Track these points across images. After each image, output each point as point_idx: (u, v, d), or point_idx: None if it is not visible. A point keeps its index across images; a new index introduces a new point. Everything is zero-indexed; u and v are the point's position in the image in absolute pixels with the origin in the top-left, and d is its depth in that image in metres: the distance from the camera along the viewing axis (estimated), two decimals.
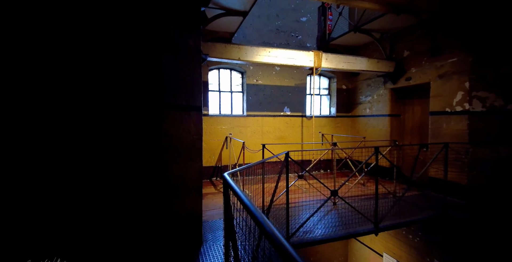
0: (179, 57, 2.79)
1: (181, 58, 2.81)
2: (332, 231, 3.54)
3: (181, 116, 2.84)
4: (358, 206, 3.85)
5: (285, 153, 3.04)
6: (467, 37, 4.52)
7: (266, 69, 6.94)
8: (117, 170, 2.53)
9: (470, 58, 4.48)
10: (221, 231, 3.47)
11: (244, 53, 4.85)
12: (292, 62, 5.20)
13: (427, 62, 5.34)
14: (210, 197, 5.06)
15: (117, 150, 2.53)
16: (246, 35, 6.82)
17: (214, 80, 6.80)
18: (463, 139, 4.60)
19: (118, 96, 2.53)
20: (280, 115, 7.10)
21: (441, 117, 5.04)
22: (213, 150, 6.50)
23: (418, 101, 6.08)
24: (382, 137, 6.58)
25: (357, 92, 7.52)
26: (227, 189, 1.59)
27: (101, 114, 2.46)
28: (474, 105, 4.48)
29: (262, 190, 4.18)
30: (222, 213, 4.20)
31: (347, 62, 5.62)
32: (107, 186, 2.49)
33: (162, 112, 2.71)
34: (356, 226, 3.67)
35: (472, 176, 4.47)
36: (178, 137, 2.81)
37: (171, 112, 2.77)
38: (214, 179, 6.57)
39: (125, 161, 2.56)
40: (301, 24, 7.33)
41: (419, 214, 4.05)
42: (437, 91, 5.12)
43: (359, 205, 3.98)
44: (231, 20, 5.32)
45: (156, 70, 2.69)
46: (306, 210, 4.32)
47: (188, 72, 2.84)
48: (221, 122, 6.58)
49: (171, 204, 2.78)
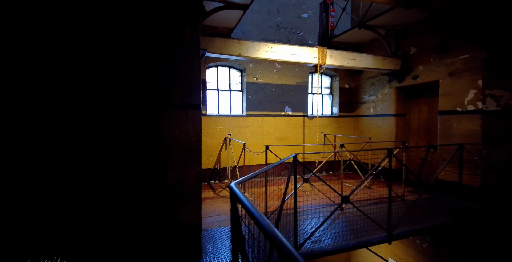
0: (173, 46, 2.49)
1: (176, 48, 2.50)
2: (342, 239, 3.27)
3: (177, 115, 2.53)
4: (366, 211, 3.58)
5: (292, 156, 2.76)
6: (480, 32, 4.29)
7: (267, 66, 6.65)
8: (100, 180, 2.21)
9: (484, 55, 4.25)
10: (222, 241, 3.17)
11: (245, 49, 4.55)
12: (295, 58, 4.92)
13: (435, 59, 5.10)
14: (208, 202, 4.75)
15: (100, 157, 2.21)
16: (245, 31, 6.53)
17: (212, 78, 6.49)
18: (475, 140, 4.37)
19: (99, 93, 2.22)
20: (281, 115, 6.82)
21: (452, 117, 4.81)
22: (211, 151, 6.18)
23: (425, 100, 5.85)
24: (387, 137, 6.34)
25: (360, 91, 7.28)
26: (236, 203, 1.30)
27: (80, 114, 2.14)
28: (487, 104, 4.25)
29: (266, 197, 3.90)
30: (222, 220, 3.90)
31: (352, 59, 5.37)
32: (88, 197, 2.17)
33: (153, 111, 2.40)
34: (367, 234, 3.41)
35: (485, 178, 4.24)
36: (173, 140, 2.51)
37: (165, 111, 2.46)
38: (212, 182, 6.26)
39: (110, 169, 2.24)
40: (302, 20, 7.06)
41: (433, 219, 3.79)
42: (447, 90, 4.88)
43: (368, 210, 3.71)
44: (231, 14, 5.02)
45: (145, 62, 2.38)
46: (311, 214, 4.05)
47: (184, 65, 2.54)
48: (219, 122, 6.27)
49: (166, 216, 2.47)
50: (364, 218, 3.64)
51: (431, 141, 5.59)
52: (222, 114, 6.37)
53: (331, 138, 7.17)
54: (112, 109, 2.24)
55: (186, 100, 2.57)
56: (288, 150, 6.54)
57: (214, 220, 3.89)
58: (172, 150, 2.49)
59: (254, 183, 6.15)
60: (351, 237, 3.33)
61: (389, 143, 6.08)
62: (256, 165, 6.57)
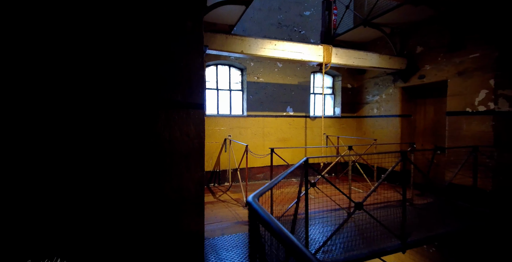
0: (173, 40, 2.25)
1: (176, 42, 2.26)
2: (353, 248, 3.06)
3: (178, 115, 2.29)
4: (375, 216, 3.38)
5: (304, 160, 2.54)
6: (492, 30, 4.13)
7: (268, 65, 6.43)
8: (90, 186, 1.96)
9: (496, 53, 4.10)
10: (226, 252, 2.93)
11: (248, 46, 4.33)
12: (300, 56, 4.71)
13: (443, 58, 4.95)
14: (209, 207, 4.51)
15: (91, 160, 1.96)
16: (246, 28, 6.31)
17: (211, 78, 6.25)
18: (486, 142, 4.21)
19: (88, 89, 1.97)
20: (282, 115, 6.60)
21: (461, 118, 4.65)
22: (211, 153, 5.94)
23: (431, 101, 5.70)
24: (392, 139, 6.17)
25: (363, 91, 7.10)
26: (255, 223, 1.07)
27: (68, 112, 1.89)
28: (500, 105, 4.10)
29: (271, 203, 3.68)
30: (224, 227, 3.66)
31: (358, 58, 5.18)
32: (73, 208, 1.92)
33: (151, 111, 2.16)
34: (380, 242, 3.20)
35: (498, 182, 4.08)
36: (173, 142, 2.26)
37: (164, 111, 2.21)
38: (212, 185, 6.01)
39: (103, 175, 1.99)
40: (304, 18, 6.87)
41: (445, 225, 3.61)
42: (456, 90, 4.73)
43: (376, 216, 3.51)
44: (232, 10, 4.78)
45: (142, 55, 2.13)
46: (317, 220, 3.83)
47: (185, 60, 2.30)
48: (219, 123, 6.03)
49: (165, 225, 2.23)
50: (374, 225, 3.44)
51: (438, 142, 5.43)
52: (221, 115, 6.13)
53: (334, 139, 6.97)
54: (104, 108, 1.99)
55: (187, 98, 2.33)
56: (290, 152, 6.33)
57: (216, 228, 3.65)
58: (172, 153, 2.25)
59: (256, 187, 5.92)
60: (363, 245, 3.12)
61: (395, 145, 5.92)
62: (258, 167, 6.35)
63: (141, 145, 2.12)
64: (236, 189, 5.68)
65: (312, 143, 6.84)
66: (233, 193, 5.39)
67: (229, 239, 3.25)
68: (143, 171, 2.12)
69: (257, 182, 6.35)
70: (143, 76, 2.12)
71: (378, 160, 5.06)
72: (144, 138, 2.13)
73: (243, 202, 4.68)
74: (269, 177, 6.45)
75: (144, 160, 2.13)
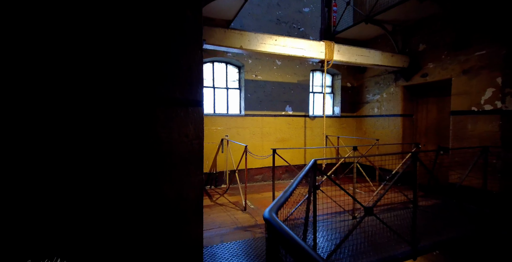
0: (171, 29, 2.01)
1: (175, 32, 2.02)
2: (361, 253, 2.87)
3: (176, 114, 2.06)
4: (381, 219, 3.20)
5: (312, 162, 2.33)
6: (500, 27, 4.01)
7: (267, 63, 6.22)
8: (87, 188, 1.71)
9: (504, 51, 3.97)
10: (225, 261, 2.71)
11: (247, 41, 4.10)
12: (301, 53, 4.51)
13: (448, 56, 4.82)
14: (206, 211, 4.27)
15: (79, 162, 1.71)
16: (244, 24, 6.08)
17: (207, 75, 6.00)
18: (493, 142, 4.09)
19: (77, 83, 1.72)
20: (281, 115, 6.40)
21: (466, 117, 4.52)
22: (207, 154, 5.69)
23: (433, 100, 5.57)
24: (393, 139, 6.03)
25: (364, 90, 6.96)
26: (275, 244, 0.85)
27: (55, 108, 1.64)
28: (508, 104, 3.98)
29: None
30: (223, 233, 3.44)
31: (360, 55, 5.01)
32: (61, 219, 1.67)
33: (148, 109, 1.92)
34: (389, 249, 3.02)
35: (505, 183, 3.96)
36: (171, 144, 2.03)
37: (161, 109, 1.97)
38: (208, 187, 5.76)
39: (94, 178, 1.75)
40: (303, 15, 6.68)
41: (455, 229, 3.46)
42: (461, 88, 4.60)
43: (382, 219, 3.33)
44: (230, 4, 4.56)
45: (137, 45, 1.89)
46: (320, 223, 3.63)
47: (184, 52, 2.07)
48: (216, 123, 5.78)
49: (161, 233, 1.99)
50: (382, 229, 3.26)
51: (441, 142, 5.31)
52: (218, 114, 5.89)
53: (333, 139, 6.80)
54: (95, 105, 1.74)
55: (186, 95, 2.10)
56: (289, 152, 6.13)
57: (214, 234, 3.41)
58: (170, 156, 2.02)
59: (254, 189, 5.69)
60: (372, 253, 2.94)
61: (396, 145, 5.78)
62: (256, 169, 6.13)
63: (137, 147, 1.87)
64: (234, 191, 5.45)
65: (311, 143, 6.66)
66: (230, 196, 5.16)
67: (229, 247, 3.02)
68: (139, 175, 1.88)
69: (256, 183, 6.13)
70: (140, 70, 1.88)
71: (380, 162, 4.90)
72: (140, 139, 1.88)
73: (242, 206, 4.46)
74: (267, 178, 6.24)
75: (140, 163, 1.88)
